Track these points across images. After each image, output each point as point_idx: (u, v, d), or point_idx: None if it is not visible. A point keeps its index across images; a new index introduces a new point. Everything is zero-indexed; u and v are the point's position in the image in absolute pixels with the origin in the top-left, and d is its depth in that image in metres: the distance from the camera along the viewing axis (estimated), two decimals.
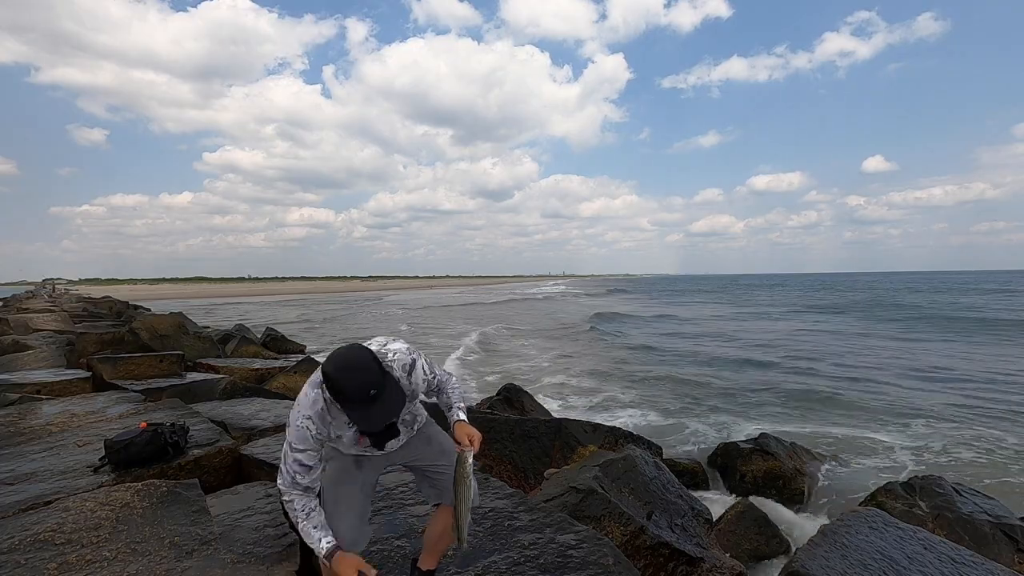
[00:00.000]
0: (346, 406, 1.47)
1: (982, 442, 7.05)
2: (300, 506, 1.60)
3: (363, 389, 1.44)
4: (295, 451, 1.58)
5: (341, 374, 1.45)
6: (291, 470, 1.59)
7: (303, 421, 1.57)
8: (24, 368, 7.06)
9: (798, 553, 2.49)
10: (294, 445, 1.58)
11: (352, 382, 1.44)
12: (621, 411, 9.03)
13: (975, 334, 19.70)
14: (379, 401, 1.47)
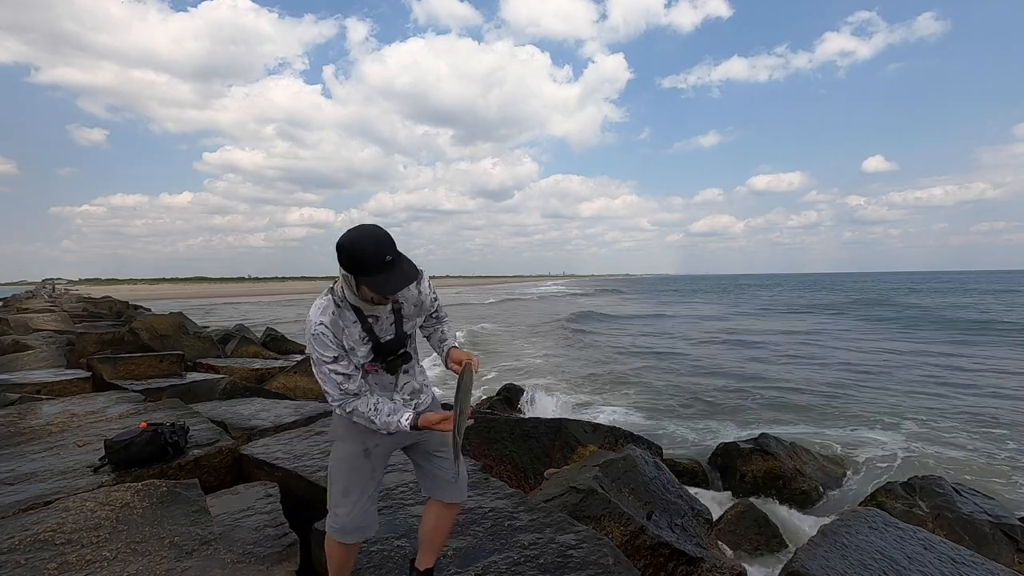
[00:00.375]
0: (363, 272, 1.49)
1: (982, 442, 7.05)
2: (365, 408, 1.65)
3: (379, 253, 1.48)
4: (326, 363, 1.62)
5: (357, 241, 1.49)
6: (334, 382, 1.63)
7: (318, 327, 1.61)
8: (24, 368, 7.06)
9: (798, 553, 2.49)
10: (323, 356, 1.62)
11: (368, 247, 1.48)
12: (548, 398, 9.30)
13: (972, 334, 19.70)
14: (395, 267, 1.51)
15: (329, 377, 1.64)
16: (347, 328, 1.65)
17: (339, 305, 1.65)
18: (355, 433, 1.77)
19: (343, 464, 1.77)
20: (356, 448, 1.78)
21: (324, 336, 1.62)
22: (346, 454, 1.78)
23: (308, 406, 4.81)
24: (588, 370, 13.17)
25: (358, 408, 1.65)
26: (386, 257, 1.48)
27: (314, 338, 1.63)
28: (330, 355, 1.63)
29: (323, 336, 1.62)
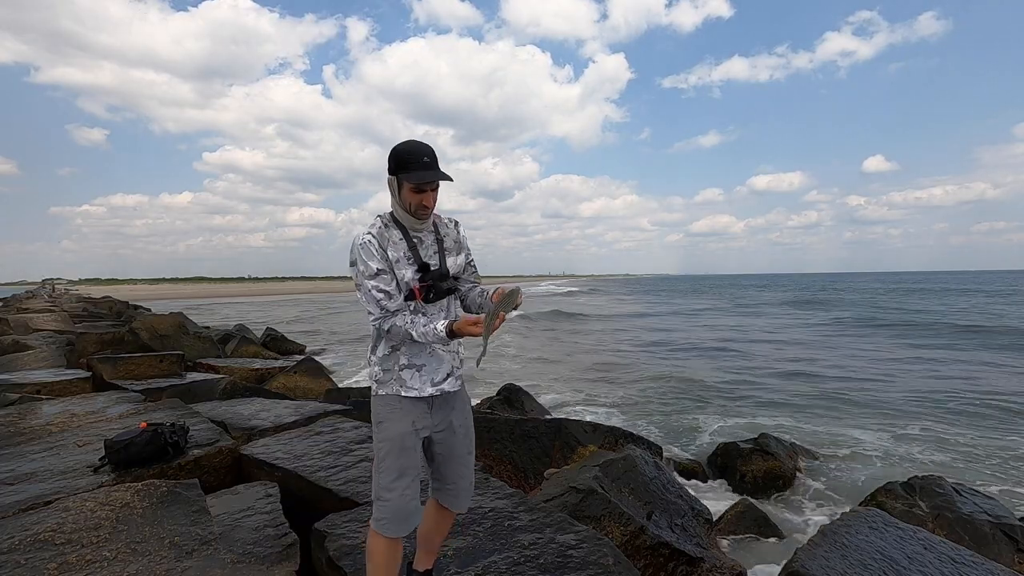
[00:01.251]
0: (404, 168, 1.69)
1: (982, 442, 7.05)
2: (402, 323, 1.69)
3: (420, 152, 1.70)
4: (370, 277, 1.69)
5: (404, 144, 1.73)
6: (375, 298, 1.70)
7: (364, 237, 1.71)
8: (24, 368, 7.06)
9: (798, 553, 2.49)
10: (367, 269, 1.69)
11: (412, 147, 1.71)
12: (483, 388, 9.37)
13: (970, 335, 19.71)
14: (433, 168, 1.71)
15: (371, 294, 1.70)
16: (393, 243, 1.74)
17: (386, 224, 1.77)
18: (404, 411, 1.78)
19: (394, 445, 1.75)
20: (406, 427, 1.77)
21: (370, 245, 1.70)
22: (395, 434, 1.76)
23: (308, 406, 4.81)
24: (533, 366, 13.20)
25: (396, 323, 1.70)
26: (424, 158, 1.68)
27: (361, 248, 1.70)
28: (374, 266, 1.69)
29: (369, 245, 1.70)
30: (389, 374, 1.80)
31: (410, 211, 1.74)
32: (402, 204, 1.74)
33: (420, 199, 1.72)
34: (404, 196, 1.72)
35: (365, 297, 1.73)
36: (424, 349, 1.80)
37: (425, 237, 1.82)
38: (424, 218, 1.77)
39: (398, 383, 1.79)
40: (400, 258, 1.74)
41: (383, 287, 1.70)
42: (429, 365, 1.81)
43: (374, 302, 1.71)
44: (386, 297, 1.71)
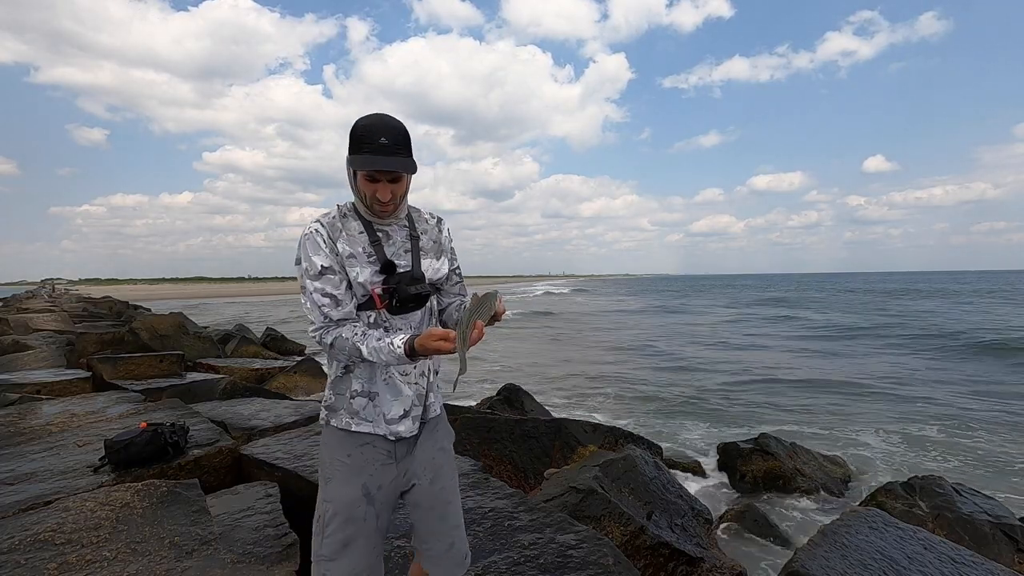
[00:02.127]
0: (354, 150, 1.34)
1: (982, 443, 7.05)
2: (349, 335, 1.37)
3: (377, 131, 1.33)
4: (313, 278, 1.38)
5: (364, 118, 1.36)
6: (318, 304, 1.38)
7: (312, 226, 1.41)
8: (24, 368, 7.06)
9: (798, 553, 2.49)
10: (310, 267, 1.38)
11: (370, 123, 1.34)
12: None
13: (965, 335, 19.70)
14: (390, 152, 1.34)
15: (313, 298, 1.39)
16: (349, 235, 1.42)
17: (344, 214, 1.45)
18: (353, 468, 1.44)
19: (339, 511, 1.41)
20: (354, 492, 1.42)
21: (317, 236, 1.40)
22: (342, 500, 1.42)
23: (308, 406, 4.82)
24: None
25: (342, 335, 1.37)
26: (381, 139, 1.32)
27: (307, 240, 1.40)
28: (319, 263, 1.38)
29: (315, 235, 1.40)
30: (340, 400, 1.47)
31: (365, 203, 1.43)
32: (357, 194, 1.44)
33: (373, 190, 1.38)
34: (358, 184, 1.40)
35: (308, 302, 1.40)
36: (378, 374, 1.45)
37: (394, 232, 1.49)
38: (383, 215, 1.45)
39: (349, 414, 1.46)
40: (357, 254, 1.41)
41: (328, 290, 1.38)
42: (383, 396, 1.46)
43: (316, 308, 1.39)
44: (331, 303, 1.38)
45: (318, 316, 1.40)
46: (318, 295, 1.39)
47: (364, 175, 1.37)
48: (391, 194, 1.39)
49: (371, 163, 1.33)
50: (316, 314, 1.40)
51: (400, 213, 1.50)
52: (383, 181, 1.37)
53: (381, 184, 1.38)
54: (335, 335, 1.38)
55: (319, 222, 1.42)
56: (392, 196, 1.40)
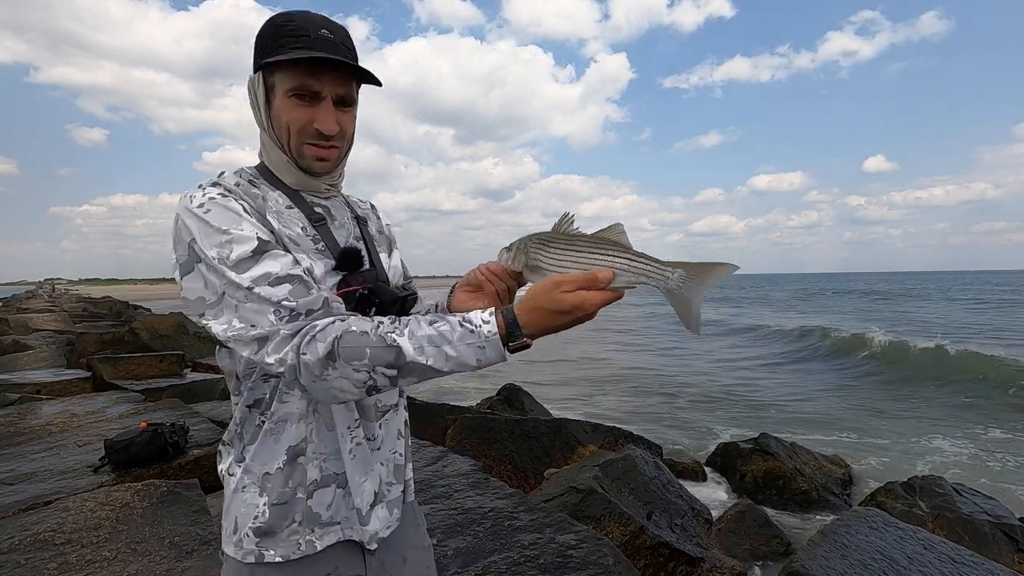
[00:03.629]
0: (284, 43, 0.83)
1: (981, 443, 7.05)
2: (363, 325, 0.74)
3: (328, 24, 0.86)
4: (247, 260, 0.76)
5: (285, 12, 0.90)
6: (270, 299, 0.75)
7: (208, 194, 0.81)
8: (24, 368, 7.06)
9: (798, 553, 2.49)
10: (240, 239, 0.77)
11: (300, 14, 0.86)
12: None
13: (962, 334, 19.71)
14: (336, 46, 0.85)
15: (256, 293, 0.75)
16: (276, 210, 0.87)
17: (252, 180, 0.89)
18: None
19: None
20: None
21: (226, 201, 0.80)
22: None
23: None
24: None
25: (350, 328, 0.73)
26: (322, 31, 0.84)
27: (202, 210, 0.78)
28: (250, 233, 0.78)
29: (224, 201, 0.80)
30: (289, 509, 0.85)
31: (288, 148, 0.88)
32: (275, 136, 0.89)
33: (308, 117, 0.85)
34: (278, 113, 0.87)
35: (236, 309, 0.75)
36: (346, 438, 0.89)
37: (338, 211, 0.97)
38: (323, 170, 0.91)
39: (309, 525, 0.86)
40: (297, 237, 0.86)
41: (280, 269, 0.77)
42: (354, 475, 0.90)
43: (266, 308, 0.75)
44: (298, 287, 0.77)
45: (274, 312, 0.75)
46: (264, 286, 0.75)
47: (292, 89, 0.84)
48: (339, 127, 0.87)
49: (332, 47, 0.84)
50: (267, 317, 0.75)
51: (340, 179, 0.98)
52: (328, 98, 0.86)
53: (324, 106, 0.86)
54: (334, 333, 0.72)
55: (220, 185, 0.83)
56: (341, 131, 0.89)
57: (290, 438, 0.86)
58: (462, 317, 0.74)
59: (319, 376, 0.73)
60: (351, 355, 0.71)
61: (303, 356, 0.73)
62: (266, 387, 0.87)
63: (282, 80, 0.86)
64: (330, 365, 0.72)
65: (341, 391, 0.74)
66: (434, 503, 2.63)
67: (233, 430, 0.91)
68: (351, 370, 0.72)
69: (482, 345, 0.73)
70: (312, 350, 0.72)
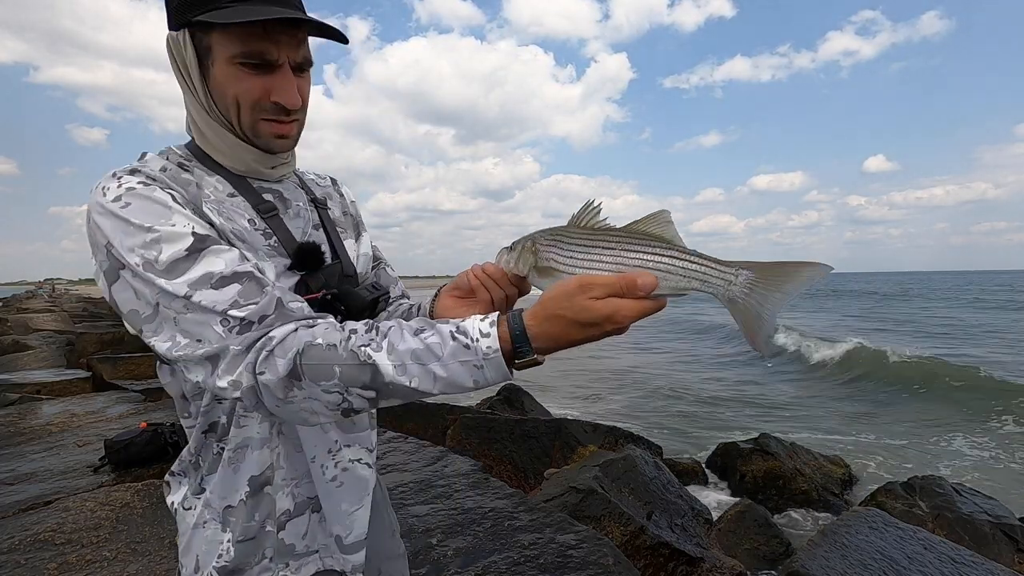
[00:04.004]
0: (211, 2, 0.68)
1: (981, 442, 7.05)
2: (335, 336, 0.62)
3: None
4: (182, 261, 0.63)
5: None
6: (214, 306, 0.62)
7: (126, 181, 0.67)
8: (24, 368, 7.06)
9: (798, 553, 2.49)
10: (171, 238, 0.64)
11: None
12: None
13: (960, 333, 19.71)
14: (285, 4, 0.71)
15: (197, 300, 0.62)
16: (215, 200, 0.73)
17: (183, 164, 0.75)
18: None
19: None
20: None
21: (147, 191, 0.66)
22: None
23: None
24: None
25: (316, 339, 0.62)
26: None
27: (121, 204, 0.65)
28: (185, 228, 0.65)
29: (145, 192, 0.66)
30: (257, 544, 0.76)
31: (238, 126, 0.75)
32: (218, 112, 0.75)
33: (264, 88, 0.72)
34: (221, 84, 0.72)
35: (174, 321, 0.63)
36: (328, 460, 0.81)
37: (291, 195, 0.83)
38: (284, 148, 0.79)
39: (282, 558, 0.78)
40: (243, 232, 0.73)
41: (235, 266, 0.65)
42: (337, 498, 0.81)
43: (210, 319, 0.62)
44: (249, 287, 0.64)
45: (221, 330, 0.62)
46: (206, 289, 0.62)
47: (240, 55, 0.69)
48: (300, 98, 0.75)
49: (262, 12, 0.67)
50: (213, 329, 0.62)
51: (292, 157, 0.84)
52: (285, 65, 0.72)
53: (282, 75, 0.72)
54: (295, 346, 0.61)
55: (141, 173, 0.68)
56: (302, 102, 0.76)
57: (252, 467, 0.75)
58: (455, 327, 0.62)
59: (283, 399, 0.61)
60: (317, 374, 0.60)
61: (260, 376, 0.61)
62: (220, 410, 0.76)
63: (223, 42, 0.69)
64: (294, 385, 0.60)
65: (312, 413, 0.63)
66: (434, 503, 2.63)
67: (187, 459, 0.80)
68: (320, 391, 0.60)
69: (479, 364, 0.60)
70: (270, 368, 0.61)
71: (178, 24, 0.72)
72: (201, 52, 0.72)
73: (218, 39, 0.70)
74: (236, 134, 0.76)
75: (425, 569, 2.07)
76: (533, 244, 0.73)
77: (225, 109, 0.74)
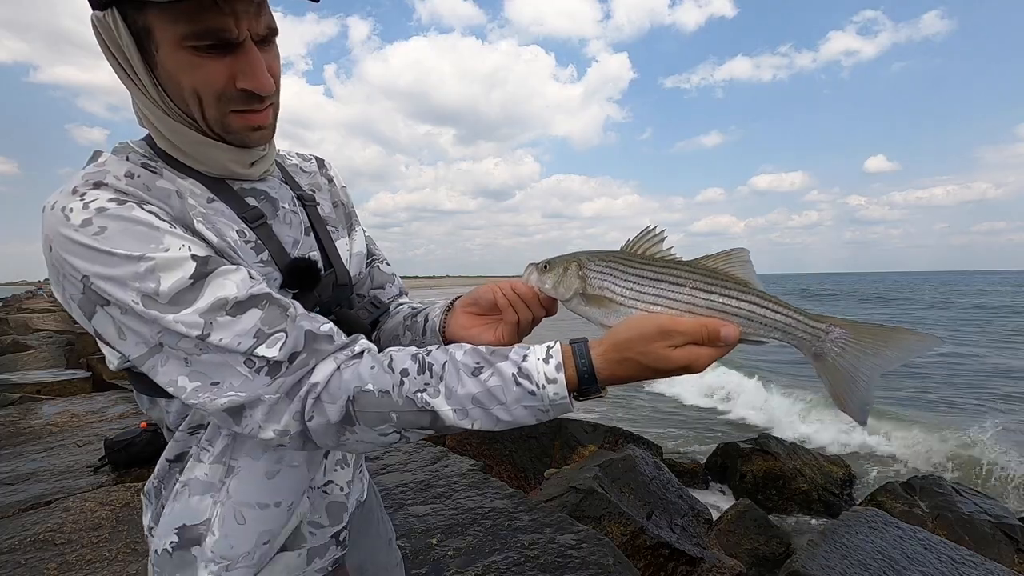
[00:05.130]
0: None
1: (981, 442, 7.05)
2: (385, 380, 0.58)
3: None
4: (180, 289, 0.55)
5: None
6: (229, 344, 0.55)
7: (93, 196, 0.55)
8: (24, 368, 7.06)
9: (798, 553, 2.49)
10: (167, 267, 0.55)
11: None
12: None
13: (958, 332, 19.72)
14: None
15: (211, 343, 0.55)
16: (199, 211, 0.63)
17: (152, 168, 0.62)
18: None
19: None
20: None
21: (123, 210, 0.55)
22: None
23: None
24: None
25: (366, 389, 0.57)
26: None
27: (95, 233, 0.53)
28: (182, 251, 0.56)
29: (121, 211, 0.55)
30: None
31: (203, 122, 0.63)
32: (174, 107, 0.62)
33: (227, 72, 0.60)
34: (172, 74, 0.59)
35: (183, 351, 0.55)
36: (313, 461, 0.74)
37: (275, 193, 0.74)
38: (262, 140, 0.68)
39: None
40: (233, 244, 0.65)
41: (249, 289, 0.58)
42: (324, 514, 0.78)
43: (232, 355, 0.55)
44: (272, 311, 0.58)
45: (247, 372, 0.56)
46: (222, 318, 0.56)
47: (191, 35, 0.56)
48: (272, 78, 0.63)
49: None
50: (237, 371, 0.56)
51: (272, 147, 0.74)
52: (247, 39, 0.60)
53: (247, 53, 0.60)
54: (345, 393, 0.58)
55: (104, 187, 0.57)
56: (274, 83, 0.64)
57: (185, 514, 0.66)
58: (517, 368, 0.57)
59: (335, 443, 0.59)
60: (373, 420, 0.58)
61: (310, 422, 0.57)
62: (192, 441, 0.68)
63: (164, 22, 0.56)
64: (347, 430, 0.58)
65: (366, 446, 0.60)
66: (434, 503, 2.63)
67: (152, 482, 0.72)
68: (375, 434, 0.58)
69: (545, 409, 0.57)
70: (320, 414, 0.57)
71: (102, 2, 0.57)
72: (139, 35, 0.58)
73: (158, 18, 0.56)
74: (201, 131, 0.64)
75: (425, 569, 2.07)
76: (580, 268, 0.66)
77: (183, 103, 0.61)
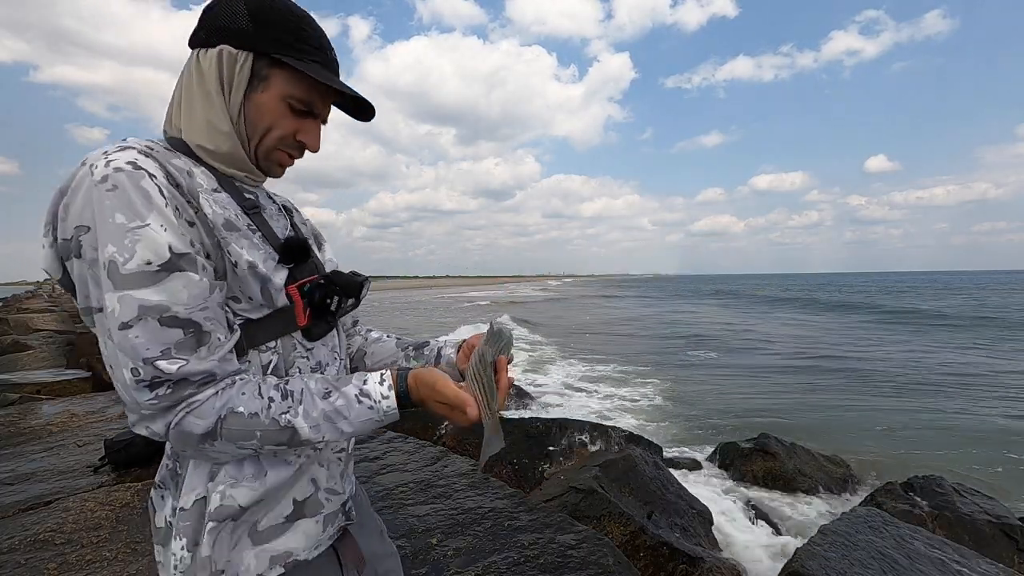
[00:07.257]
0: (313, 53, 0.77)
1: (981, 441, 7.05)
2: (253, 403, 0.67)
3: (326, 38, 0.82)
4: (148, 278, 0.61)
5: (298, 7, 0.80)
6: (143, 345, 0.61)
7: (115, 158, 0.64)
8: (24, 368, 7.06)
9: (798, 553, 2.49)
10: (151, 247, 0.61)
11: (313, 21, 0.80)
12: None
13: (958, 332, 19.72)
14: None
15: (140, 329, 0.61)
16: (211, 196, 0.72)
17: (169, 149, 0.74)
18: None
19: None
20: None
21: (134, 178, 0.63)
22: None
23: None
24: None
25: (233, 405, 0.65)
26: (331, 50, 0.81)
27: (112, 190, 0.61)
28: (164, 240, 0.62)
29: (145, 178, 0.63)
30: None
31: (254, 147, 0.78)
32: (240, 127, 0.76)
33: (296, 127, 0.79)
34: (261, 111, 0.76)
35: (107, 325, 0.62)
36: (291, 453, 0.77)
37: (265, 201, 0.86)
38: (279, 175, 0.86)
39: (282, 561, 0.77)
40: (236, 223, 0.74)
41: (191, 312, 0.64)
42: (313, 499, 0.81)
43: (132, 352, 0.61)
44: (187, 340, 0.64)
45: (129, 376, 0.61)
46: (148, 325, 0.61)
47: (294, 99, 0.77)
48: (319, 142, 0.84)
49: (335, 81, 0.78)
50: (126, 370, 0.61)
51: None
52: (319, 118, 0.82)
53: (315, 124, 0.82)
54: (216, 413, 0.64)
55: (129, 150, 0.65)
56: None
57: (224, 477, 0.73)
58: (359, 390, 0.73)
59: (193, 452, 0.69)
60: (237, 436, 0.67)
61: (174, 428, 0.65)
62: None
63: (284, 82, 0.77)
64: (208, 441, 0.66)
65: (222, 455, 0.69)
66: (434, 503, 2.63)
67: (166, 465, 0.77)
68: (234, 448, 0.68)
69: (380, 420, 0.74)
70: (189, 425, 0.65)
71: (241, 47, 0.75)
72: (254, 78, 0.77)
73: (284, 78, 0.77)
74: (246, 150, 0.80)
75: (425, 569, 2.07)
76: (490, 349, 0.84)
77: (251, 129, 0.79)
